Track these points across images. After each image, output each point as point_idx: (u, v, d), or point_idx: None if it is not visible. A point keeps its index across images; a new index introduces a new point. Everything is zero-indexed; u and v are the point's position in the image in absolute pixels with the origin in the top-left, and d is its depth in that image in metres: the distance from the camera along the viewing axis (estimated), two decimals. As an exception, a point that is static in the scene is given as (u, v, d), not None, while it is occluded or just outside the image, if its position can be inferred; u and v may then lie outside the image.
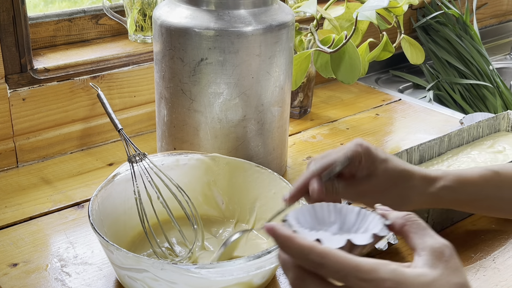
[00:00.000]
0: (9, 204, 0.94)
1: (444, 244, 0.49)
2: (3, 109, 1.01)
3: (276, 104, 0.95)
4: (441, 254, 0.48)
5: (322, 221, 0.57)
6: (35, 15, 1.12)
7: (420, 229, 0.50)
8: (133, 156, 0.83)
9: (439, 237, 0.49)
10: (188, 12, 0.89)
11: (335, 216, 0.57)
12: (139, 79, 1.16)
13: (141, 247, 0.83)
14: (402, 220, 0.52)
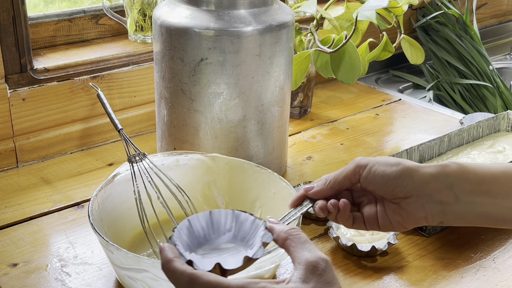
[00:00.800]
0: (9, 204, 0.94)
1: (320, 257, 0.50)
2: (3, 109, 1.01)
3: (276, 104, 0.95)
4: (315, 268, 0.49)
5: (217, 229, 0.58)
6: (35, 15, 1.12)
7: (300, 242, 0.51)
8: (133, 156, 0.83)
9: (317, 251, 0.50)
10: (188, 12, 0.89)
11: (231, 223, 0.58)
12: (139, 79, 1.16)
13: (141, 247, 0.83)
14: (285, 234, 0.53)
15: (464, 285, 0.80)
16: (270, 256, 0.69)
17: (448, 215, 0.64)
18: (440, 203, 0.63)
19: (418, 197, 0.63)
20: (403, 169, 0.64)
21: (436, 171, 0.64)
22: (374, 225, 0.66)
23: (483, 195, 0.63)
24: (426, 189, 0.63)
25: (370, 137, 1.20)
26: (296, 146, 1.16)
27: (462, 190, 0.63)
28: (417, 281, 0.80)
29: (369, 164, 0.65)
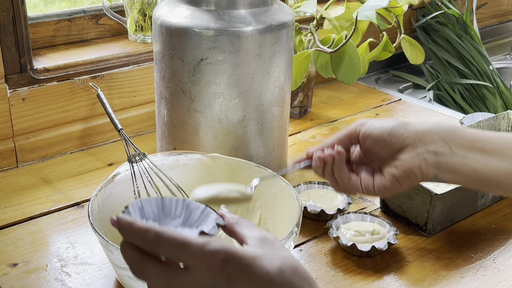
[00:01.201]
0: (9, 204, 0.94)
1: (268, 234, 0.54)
2: (3, 109, 1.01)
3: (276, 104, 0.95)
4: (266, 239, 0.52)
5: (168, 214, 0.57)
6: (35, 15, 1.12)
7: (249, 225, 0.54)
8: (133, 156, 0.83)
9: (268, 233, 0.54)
10: (188, 12, 0.89)
11: (181, 210, 0.57)
12: (139, 79, 1.16)
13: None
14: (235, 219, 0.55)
15: (464, 285, 0.80)
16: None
17: (443, 167, 0.64)
18: (435, 154, 0.64)
19: (413, 146, 0.65)
20: (399, 122, 0.67)
21: (432, 125, 0.66)
22: (369, 184, 0.68)
23: (477, 152, 0.64)
24: (421, 139, 0.65)
25: (370, 137, 1.20)
26: (296, 146, 1.16)
27: (456, 144, 0.65)
28: (417, 281, 0.80)
29: (369, 122, 0.69)
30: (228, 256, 0.47)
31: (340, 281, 0.80)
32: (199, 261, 0.47)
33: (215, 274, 0.47)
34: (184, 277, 0.48)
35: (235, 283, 0.48)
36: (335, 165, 0.68)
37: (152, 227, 0.48)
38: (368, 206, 0.97)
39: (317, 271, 0.82)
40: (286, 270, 0.49)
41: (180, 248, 0.47)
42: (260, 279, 0.48)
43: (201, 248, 0.47)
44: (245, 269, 0.48)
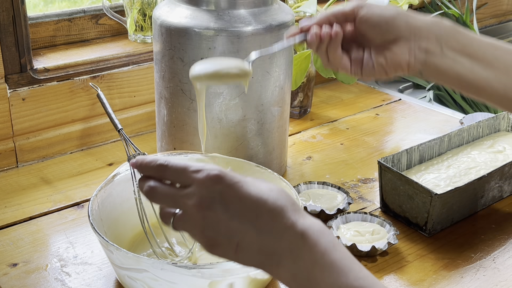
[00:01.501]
0: (9, 204, 0.94)
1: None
2: (3, 109, 1.01)
3: (276, 104, 0.95)
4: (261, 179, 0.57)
5: None
6: (35, 15, 1.12)
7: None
8: (133, 156, 0.83)
9: None
10: (188, 12, 0.89)
11: None
12: (139, 79, 1.16)
13: (141, 247, 0.83)
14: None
15: (464, 285, 0.80)
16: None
17: (430, 66, 0.68)
18: (426, 52, 0.67)
19: (407, 40, 0.67)
20: (400, 12, 0.68)
21: (431, 21, 0.68)
22: (358, 67, 0.70)
23: (466, 57, 0.67)
24: (416, 34, 0.67)
25: (370, 137, 1.20)
26: (296, 146, 1.16)
27: (449, 46, 0.67)
28: (417, 281, 0.80)
29: (367, 7, 0.69)
30: (221, 173, 0.54)
31: (340, 281, 0.80)
32: (198, 177, 0.54)
33: (211, 186, 0.53)
34: (186, 190, 0.54)
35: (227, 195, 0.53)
36: (331, 44, 0.69)
37: (160, 158, 0.56)
38: (368, 206, 0.97)
39: (317, 271, 0.82)
40: (273, 189, 0.54)
41: (184, 169, 0.55)
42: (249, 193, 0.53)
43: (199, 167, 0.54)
44: (236, 185, 0.53)
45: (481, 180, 0.91)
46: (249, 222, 0.53)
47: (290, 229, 0.52)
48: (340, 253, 0.52)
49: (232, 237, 0.53)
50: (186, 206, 0.54)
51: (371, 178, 1.05)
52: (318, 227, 0.53)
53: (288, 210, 0.53)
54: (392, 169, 0.91)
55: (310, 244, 0.52)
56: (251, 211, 0.53)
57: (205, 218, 0.53)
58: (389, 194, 0.93)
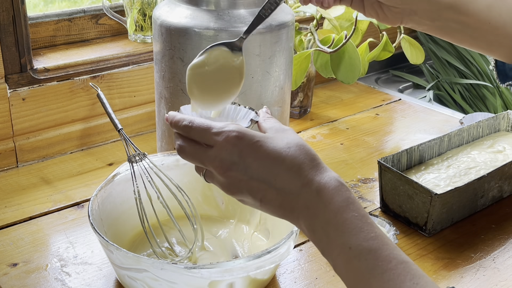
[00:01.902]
0: (9, 204, 0.94)
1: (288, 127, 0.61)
2: (3, 109, 1.01)
3: (276, 104, 0.95)
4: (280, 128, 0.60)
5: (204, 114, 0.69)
6: (35, 15, 1.12)
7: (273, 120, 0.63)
8: (133, 156, 0.83)
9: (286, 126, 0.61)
10: (188, 12, 0.89)
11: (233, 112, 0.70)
12: (139, 79, 1.16)
13: (141, 247, 0.83)
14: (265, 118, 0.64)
15: (464, 285, 0.80)
16: (270, 256, 0.69)
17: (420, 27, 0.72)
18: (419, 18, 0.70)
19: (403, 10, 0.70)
20: None
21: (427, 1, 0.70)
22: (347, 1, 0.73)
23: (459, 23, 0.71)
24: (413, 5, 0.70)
25: (370, 137, 1.20)
26: (296, 146, 1.16)
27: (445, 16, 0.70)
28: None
29: None
30: (240, 134, 0.57)
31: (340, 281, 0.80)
32: (218, 139, 0.57)
33: (230, 148, 0.56)
34: (209, 152, 0.58)
35: (246, 156, 0.56)
36: None
37: (187, 117, 0.60)
38: (368, 206, 0.97)
39: (317, 271, 0.82)
40: (291, 147, 0.56)
41: (206, 130, 0.58)
42: (267, 153, 0.56)
43: (220, 129, 0.57)
44: (254, 145, 0.56)
45: (481, 180, 0.91)
46: (268, 182, 0.56)
47: (306, 187, 0.55)
48: (352, 212, 0.53)
49: (255, 194, 0.56)
50: (210, 167, 0.58)
51: (371, 178, 1.05)
52: (334, 185, 0.55)
53: (305, 167, 0.56)
54: (392, 169, 0.91)
55: (324, 201, 0.54)
56: (269, 171, 0.55)
57: (228, 178, 0.57)
58: (389, 194, 0.93)
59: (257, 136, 0.57)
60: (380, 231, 0.54)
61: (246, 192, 0.57)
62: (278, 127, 0.60)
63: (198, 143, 0.59)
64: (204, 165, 0.59)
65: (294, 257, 0.84)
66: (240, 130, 0.57)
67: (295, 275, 0.81)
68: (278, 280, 0.80)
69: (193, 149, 0.59)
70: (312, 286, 0.79)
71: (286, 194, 0.55)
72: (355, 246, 0.52)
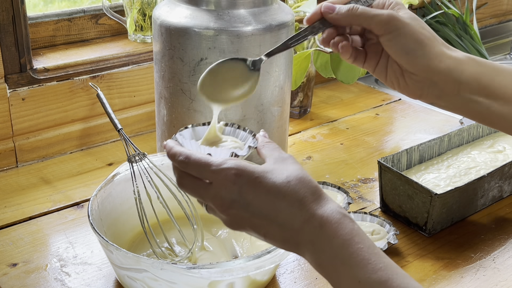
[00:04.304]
0: (9, 204, 0.94)
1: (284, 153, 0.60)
2: (3, 109, 1.01)
3: (276, 104, 0.95)
4: (280, 157, 0.59)
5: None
6: (35, 15, 1.12)
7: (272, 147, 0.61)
8: (132, 156, 0.83)
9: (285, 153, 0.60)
10: (188, 12, 0.89)
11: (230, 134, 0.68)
12: (139, 79, 1.16)
13: (141, 247, 0.83)
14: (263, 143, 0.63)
15: (464, 285, 0.80)
16: (270, 256, 0.69)
17: (442, 102, 0.67)
18: (441, 91, 0.65)
19: (424, 78, 0.65)
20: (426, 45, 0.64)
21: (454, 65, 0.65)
22: (371, 67, 0.69)
23: (484, 97, 0.66)
24: (434, 78, 0.65)
25: (370, 137, 1.20)
26: (296, 146, 1.16)
27: (467, 89, 0.65)
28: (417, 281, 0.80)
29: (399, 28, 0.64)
30: (239, 172, 0.55)
31: (340, 281, 0.80)
32: (217, 177, 0.56)
33: (230, 186, 0.55)
34: (208, 190, 0.56)
35: (246, 194, 0.55)
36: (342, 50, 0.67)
37: (183, 151, 0.58)
38: (368, 206, 0.97)
39: (317, 271, 0.82)
40: (292, 180, 0.55)
41: (203, 167, 0.56)
42: (267, 190, 0.55)
43: (218, 166, 0.56)
44: (254, 181, 0.55)
45: (481, 180, 0.91)
46: (270, 218, 0.55)
47: (309, 222, 0.54)
48: (358, 245, 0.53)
49: (258, 230, 0.56)
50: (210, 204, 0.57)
51: (371, 178, 1.05)
52: (336, 217, 0.54)
53: (306, 201, 0.55)
54: (392, 169, 0.91)
55: (329, 236, 0.53)
56: (271, 207, 0.55)
57: (229, 215, 0.56)
58: (389, 194, 0.93)
59: (257, 171, 0.56)
60: (389, 260, 0.53)
61: (249, 228, 0.56)
62: (277, 156, 0.59)
63: (197, 178, 0.57)
64: (205, 201, 0.58)
65: (294, 257, 0.84)
66: (239, 166, 0.56)
67: (295, 275, 0.81)
68: (278, 280, 0.80)
69: (193, 185, 0.58)
70: (312, 286, 0.79)
71: (289, 229, 0.54)
72: (364, 280, 0.51)
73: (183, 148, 0.59)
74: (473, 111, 0.67)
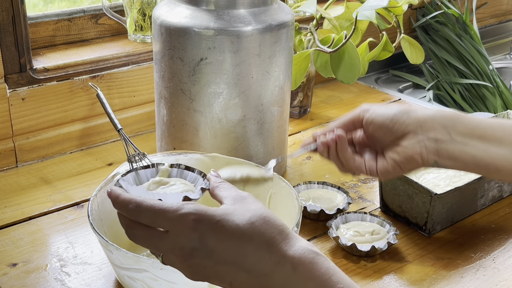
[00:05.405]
0: (9, 204, 0.94)
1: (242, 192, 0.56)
2: (3, 109, 1.01)
3: (276, 104, 0.95)
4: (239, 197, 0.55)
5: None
6: (35, 15, 1.12)
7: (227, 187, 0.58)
8: (132, 156, 0.83)
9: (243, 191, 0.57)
10: (188, 12, 0.89)
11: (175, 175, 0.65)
12: (139, 79, 1.16)
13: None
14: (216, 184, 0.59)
15: (464, 285, 0.80)
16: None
17: (443, 154, 0.67)
18: (435, 141, 0.66)
19: (415, 133, 0.67)
20: (402, 108, 0.69)
21: (433, 112, 0.68)
22: (373, 167, 0.70)
23: (476, 139, 0.67)
24: (423, 126, 0.67)
25: (370, 137, 1.20)
26: (296, 146, 1.16)
27: (456, 131, 0.67)
28: (417, 281, 0.80)
29: (372, 108, 0.71)
30: (198, 217, 0.51)
31: (340, 281, 0.80)
32: (174, 225, 0.51)
33: (189, 234, 0.51)
34: (165, 240, 0.52)
35: (208, 240, 0.51)
36: (338, 148, 0.70)
37: (133, 198, 0.54)
38: (368, 206, 0.97)
39: (317, 271, 0.82)
40: (256, 221, 0.51)
41: (157, 215, 0.52)
42: (231, 233, 0.51)
43: (175, 212, 0.51)
44: (215, 226, 0.51)
45: (481, 180, 0.91)
46: (236, 264, 0.51)
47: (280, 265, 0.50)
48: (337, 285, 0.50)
49: (223, 278, 0.52)
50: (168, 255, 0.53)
51: (371, 178, 1.05)
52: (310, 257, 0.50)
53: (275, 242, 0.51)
54: (392, 169, 0.91)
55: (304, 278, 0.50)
56: (236, 252, 0.51)
57: (190, 266, 0.52)
58: (389, 194, 0.93)
59: (217, 214, 0.52)
60: None
61: (213, 278, 0.52)
62: (235, 196, 0.56)
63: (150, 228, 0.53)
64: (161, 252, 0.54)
65: (294, 257, 0.84)
66: (198, 211, 0.52)
67: (295, 275, 0.81)
68: (278, 280, 0.80)
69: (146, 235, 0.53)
70: (312, 286, 0.79)
71: (258, 275, 0.50)
72: None
73: (131, 195, 0.54)
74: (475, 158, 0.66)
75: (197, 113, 0.92)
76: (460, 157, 0.66)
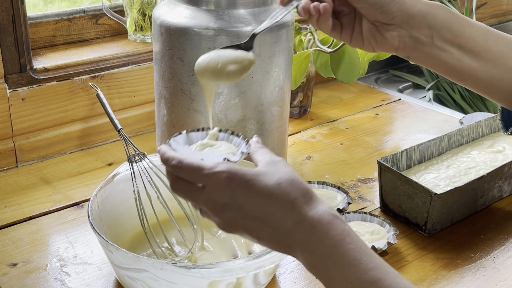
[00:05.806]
0: (9, 204, 0.94)
1: (279, 158, 0.59)
2: (3, 109, 1.01)
3: (276, 104, 0.95)
4: (272, 161, 0.59)
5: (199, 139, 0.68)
6: (35, 15, 1.12)
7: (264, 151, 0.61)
8: (132, 156, 0.83)
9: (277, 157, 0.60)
10: (188, 12, 0.89)
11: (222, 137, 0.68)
12: (139, 79, 1.16)
13: (141, 247, 0.83)
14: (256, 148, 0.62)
15: (464, 285, 0.80)
16: (270, 256, 0.69)
17: (418, 53, 0.69)
18: (416, 40, 0.68)
19: (399, 27, 0.68)
20: None
21: (427, 9, 0.68)
22: (347, 37, 0.71)
23: (456, 48, 0.69)
24: (409, 22, 0.68)
25: (369, 137, 1.20)
26: (296, 146, 1.16)
27: (439, 36, 0.68)
28: (417, 281, 0.80)
29: None
30: (231, 175, 0.55)
31: (340, 281, 0.80)
32: (209, 181, 0.55)
33: (222, 190, 0.55)
34: (201, 194, 0.56)
35: (238, 197, 0.55)
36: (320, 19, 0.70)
37: (176, 156, 0.58)
38: (368, 206, 0.97)
39: (317, 271, 0.82)
40: (283, 183, 0.56)
41: (195, 171, 0.56)
42: (259, 192, 0.55)
43: (210, 170, 0.56)
44: (246, 184, 0.55)
45: (481, 180, 0.91)
46: (262, 220, 0.55)
47: (301, 223, 0.54)
48: (349, 245, 0.53)
49: (251, 232, 0.56)
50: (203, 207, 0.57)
51: (370, 178, 1.05)
52: (328, 219, 0.54)
53: (298, 203, 0.55)
54: (392, 169, 0.91)
55: (320, 237, 0.54)
56: (263, 210, 0.55)
57: (222, 218, 0.56)
58: (389, 194, 0.93)
59: (248, 174, 0.56)
60: (380, 260, 0.53)
61: (242, 230, 0.56)
62: (269, 160, 0.59)
63: (190, 182, 0.58)
64: (198, 204, 0.58)
65: (294, 257, 0.84)
66: (230, 170, 0.56)
67: (295, 275, 0.81)
68: (278, 280, 0.80)
69: (186, 189, 0.58)
70: (312, 286, 0.79)
71: (282, 231, 0.55)
72: (356, 280, 0.52)
73: (176, 153, 0.59)
74: (446, 64, 0.69)
75: (197, 113, 0.92)
76: (432, 61, 0.69)
